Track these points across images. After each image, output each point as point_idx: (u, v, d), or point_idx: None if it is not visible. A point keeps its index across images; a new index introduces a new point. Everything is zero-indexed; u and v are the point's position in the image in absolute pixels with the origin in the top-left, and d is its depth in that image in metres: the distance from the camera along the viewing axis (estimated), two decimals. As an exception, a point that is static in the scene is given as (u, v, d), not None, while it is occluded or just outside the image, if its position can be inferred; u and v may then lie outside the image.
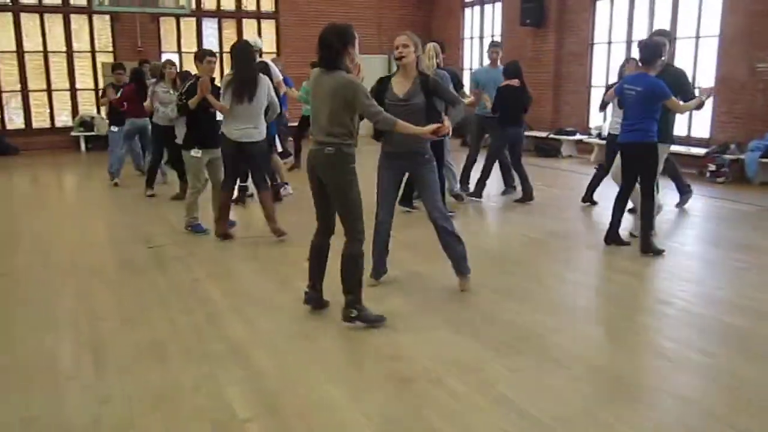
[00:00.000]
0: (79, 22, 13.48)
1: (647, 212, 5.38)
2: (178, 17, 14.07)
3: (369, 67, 4.51)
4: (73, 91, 13.52)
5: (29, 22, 13.11)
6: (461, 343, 3.63)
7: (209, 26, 14.61)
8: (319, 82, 3.75)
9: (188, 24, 14.30)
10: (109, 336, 3.76)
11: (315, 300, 4.06)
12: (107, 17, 13.52)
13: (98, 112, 13.28)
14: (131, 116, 8.57)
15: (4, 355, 3.53)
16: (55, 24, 13.31)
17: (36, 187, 9.69)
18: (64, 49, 13.29)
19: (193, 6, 13.94)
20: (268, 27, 15.00)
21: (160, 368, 3.34)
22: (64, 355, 3.52)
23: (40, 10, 13.15)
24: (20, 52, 13.00)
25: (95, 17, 13.49)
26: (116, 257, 5.40)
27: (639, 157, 5.35)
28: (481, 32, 14.72)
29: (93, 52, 13.56)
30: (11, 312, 4.22)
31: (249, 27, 14.86)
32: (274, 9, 14.97)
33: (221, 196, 5.83)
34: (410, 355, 3.46)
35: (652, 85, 5.20)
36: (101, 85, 12.71)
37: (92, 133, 13.19)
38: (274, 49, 14.71)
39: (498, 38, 13.98)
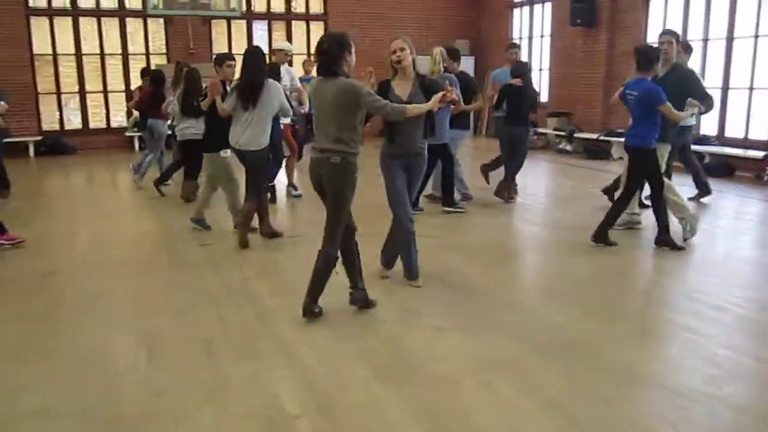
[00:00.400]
0: (134, 25, 13.87)
1: (619, 206, 5.63)
2: (228, 20, 14.34)
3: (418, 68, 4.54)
4: (128, 92, 13.89)
5: (87, 26, 13.55)
6: (508, 345, 3.60)
7: (259, 28, 14.83)
8: (320, 90, 3.83)
9: (238, 26, 14.55)
10: (161, 331, 3.86)
11: (361, 299, 4.09)
12: (161, 20, 13.86)
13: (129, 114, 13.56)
14: (150, 117, 8.67)
15: (61, 347, 3.66)
16: (111, 27, 13.72)
17: (91, 185, 10.01)
18: (119, 51, 13.69)
19: (244, 8, 14.18)
20: (317, 29, 15.14)
21: (211, 364, 3.41)
22: (118, 349, 3.63)
23: (98, 14, 13.57)
24: (78, 55, 13.44)
25: (150, 20, 13.85)
26: (168, 255, 5.53)
27: (636, 162, 5.48)
28: (530, 32, 14.55)
29: (147, 54, 13.91)
30: (68, 306, 4.36)
31: (298, 29, 15.03)
32: (323, 11, 15.10)
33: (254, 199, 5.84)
34: (457, 356, 3.45)
35: (648, 90, 5.31)
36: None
37: (146, 134, 13.52)
38: (322, 51, 14.82)
39: (547, 39, 13.83)
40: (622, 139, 11.59)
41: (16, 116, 13.12)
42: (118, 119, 13.97)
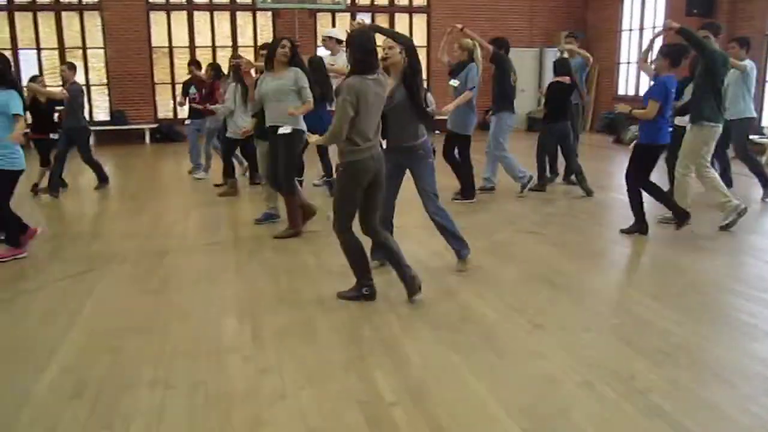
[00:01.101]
0: (244, 18, 14.42)
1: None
2: (333, 12, 14.62)
3: (520, 61, 4.48)
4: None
5: (201, 20, 14.22)
6: (611, 347, 3.49)
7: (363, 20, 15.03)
8: (372, 90, 3.86)
9: (343, 19, 14.79)
10: (266, 312, 4.02)
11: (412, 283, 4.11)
12: (269, 14, 14.34)
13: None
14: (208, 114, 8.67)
15: (174, 322, 3.89)
16: (223, 20, 14.33)
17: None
18: (230, 43, 14.27)
19: (348, 1, 14.40)
20: (420, 21, 15.17)
21: (312, 346, 3.52)
22: (226, 327, 3.82)
23: (211, 8, 14.21)
24: (192, 47, 14.13)
25: (258, 14, 14.36)
26: (272, 240, 5.72)
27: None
28: (642, 23, 13.93)
29: (256, 47, 14.41)
30: (179, 284, 4.63)
31: (401, 21, 15.11)
32: (426, 3, 15.10)
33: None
34: (557, 355, 3.38)
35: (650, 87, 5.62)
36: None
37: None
38: (425, 43, 14.84)
39: (659, 29, 13.17)
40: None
41: (135, 105, 14.02)
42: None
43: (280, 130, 5.49)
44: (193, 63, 9.55)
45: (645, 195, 5.67)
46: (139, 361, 3.37)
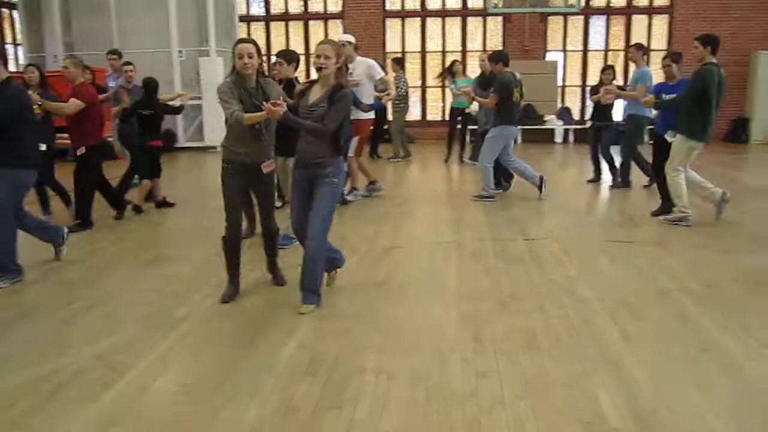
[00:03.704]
0: (474, 23, 14.61)
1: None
2: (566, 16, 14.22)
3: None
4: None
5: (433, 25, 14.69)
6: None
7: (596, 23, 14.43)
8: None
9: (575, 22, 14.35)
10: (486, 316, 4.02)
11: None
12: (500, 18, 14.36)
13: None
14: None
15: (397, 314, 4.05)
16: (453, 26, 14.66)
17: (425, 173, 10.80)
18: (459, 49, 14.55)
19: (582, 4, 13.91)
20: (660, 23, 14.17)
21: (532, 356, 3.44)
22: (447, 326, 3.88)
23: (443, 13, 14.61)
24: (423, 53, 14.65)
25: (489, 19, 14.45)
26: (493, 244, 5.72)
27: None
28: None
29: (484, 51, 14.49)
30: (404, 279, 4.81)
31: (638, 24, 14.23)
32: (668, 2, 14.05)
33: None
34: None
35: None
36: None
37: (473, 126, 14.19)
38: (665, 47, 13.82)
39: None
40: None
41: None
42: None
43: None
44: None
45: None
46: (366, 347, 3.56)
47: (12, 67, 12.91)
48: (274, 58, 5.96)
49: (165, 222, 6.86)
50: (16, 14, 13.53)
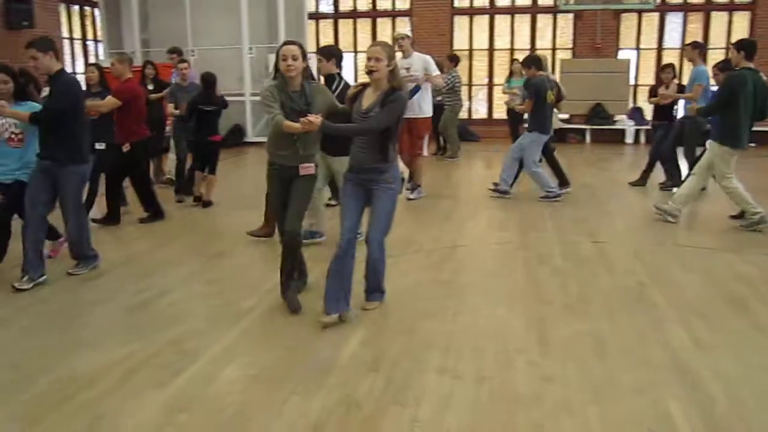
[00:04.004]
0: (544, 20, 14.34)
1: None
2: (640, 13, 13.78)
3: None
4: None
5: (501, 23, 14.49)
6: None
7: (673, 21, 13.93)
8: None
9: (649, 19, 13.90)
10: (552, 319, 3.94)
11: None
12: (570, 15, 14.04)
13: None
14: None
15: (463, 315, 4.02)
16: (523, 23, 14.42)
17: (489, 171, 10.66)
18: (528, 46, 14.31)
19: (658, 0, 13.45)
20: (741, 20, 13.55)
21: (599, 361, 3.36)
22: (512, 327, 3.83)
23: (512, 11, 14.40)
24: (491, 50, 14.48)
25: (559, 16, 14.15)
26: (561, 246, 5.61)
27: None
28: None
29: (554, 49, 14.27)
30: (468, 278, 4.79)
31: (717, 21, 13.66)
32: (751, -1, 13.43)
33: None
34: None
35: None
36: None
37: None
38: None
39: None
40: None
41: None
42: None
43: None
44: None
45: None
46: (430, 346, 3.55)
47: (92, 60, 13.53)
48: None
49: (231, 216, 7.01)
50: (97, 12, 14.11)
